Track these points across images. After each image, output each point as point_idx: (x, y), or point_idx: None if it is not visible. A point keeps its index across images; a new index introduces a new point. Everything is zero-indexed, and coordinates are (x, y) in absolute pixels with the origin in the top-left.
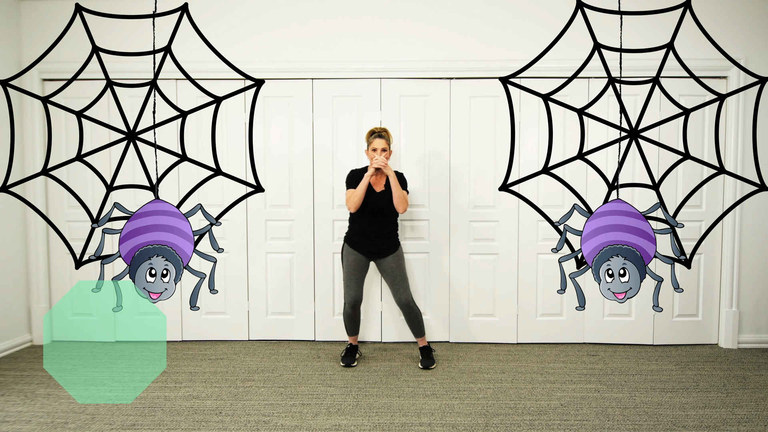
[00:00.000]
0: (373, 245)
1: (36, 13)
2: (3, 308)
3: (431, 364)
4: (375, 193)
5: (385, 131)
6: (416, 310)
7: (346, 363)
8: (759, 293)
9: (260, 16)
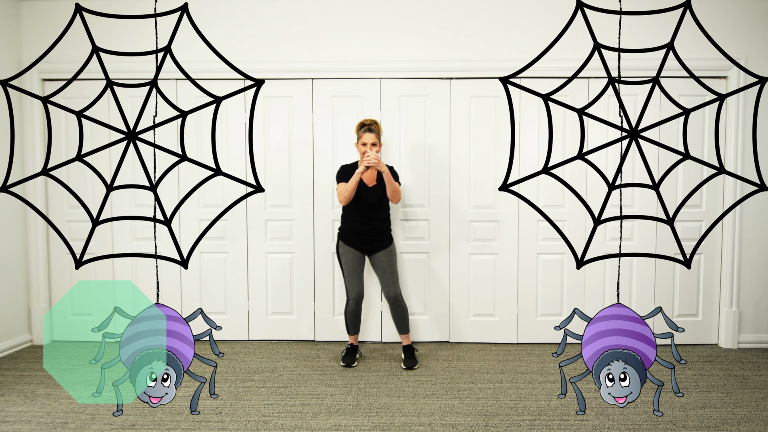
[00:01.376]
0: (366, 242)
1: (36, 13)
2: (3, 308)
3: (414, 364)
4: (367, 189)
5: (375, 124)
6: (404, 305)
7: (346, 363)
8: (759, 293)
9: (260, 16)
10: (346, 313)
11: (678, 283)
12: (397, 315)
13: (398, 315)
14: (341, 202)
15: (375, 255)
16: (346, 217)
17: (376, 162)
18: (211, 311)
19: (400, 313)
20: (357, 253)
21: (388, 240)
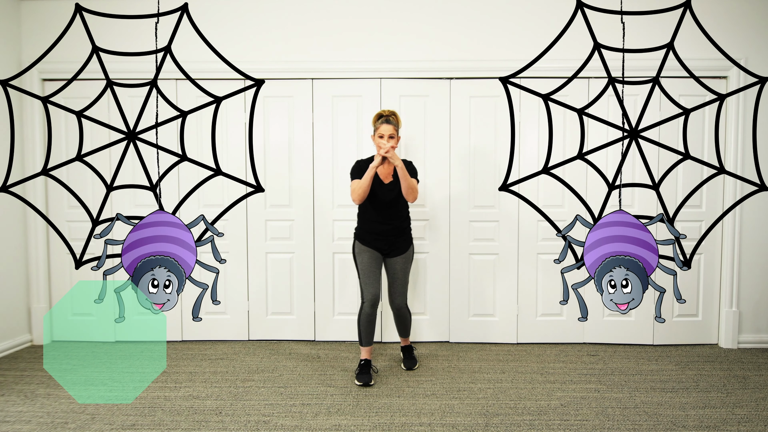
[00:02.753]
0: (384, 243)
1: (36, 13)
2: (3, 308)
3: (414, 364)
4: (383, 185)
5: (394, 115)
6: (407, 314)
7: (363, 382)
8: (759, 293)
9: (260, 16)
10: (360, 319)
11: (678, 283)
12: (400, 322)
13: (402, 322)
14: (355, 200)
15: (391, 259)
16: (362, 217)
17: (391, 153)
18: (211, 311)
19: (403, 320)
20: (375, 253)
21: (408, 242)
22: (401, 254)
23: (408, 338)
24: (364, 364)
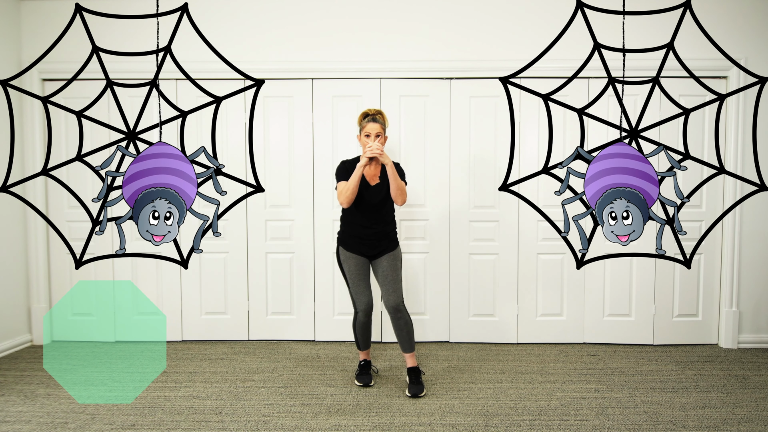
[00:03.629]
0: (369, 246)
1: (36, 13)
2: (3, 308)
3: (421, 391)
4: (369, 187)
5: (380, 114)
6: (407, 317)
7: (363, 382)
8: (759, 293)
9: (260, 16)
10: (354, 327)
11: (678, 283)
12: (399, 328)
13: (400, 329)
14: (342, 203)
15: (377, 260)
16: (345, 220)
17: (380, 152)
18: (211, 311)
19: (402, 326)
20: (360, 259)
21: (393, 243)
22: (387, 253)
23: (413, 355)
24: (363, 364)
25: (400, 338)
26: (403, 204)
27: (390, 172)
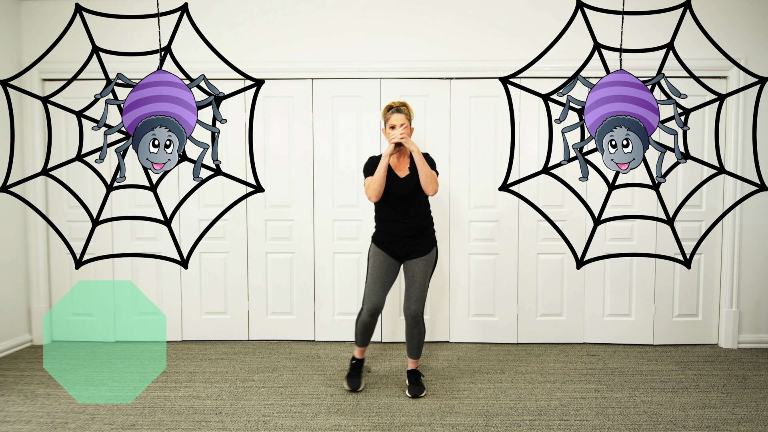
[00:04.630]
0: (402, 245)
1: (36, 13)
2: (3, 308)
3: (421, 391)
4: (398, 180)
5: (405, 105)
6: (422, 327)
7: (352, 387)
8: (759, 293)
9: (260, 16)
10: (357, 324)
11: (678, 283)
12: (412, 336)
13: (413, 337)
14: (370, 197)
15: (411, 261)
16: (378, 217)
17: (405, 137)
18: (211, 311)
19: (416, 335)
20: (389, 259)
21: (430, 242)
22: (422, 255)
23: (417, 361)
24: (355, 363)
25: (410, 345)
26: (434, 193)
27: (417, 158)
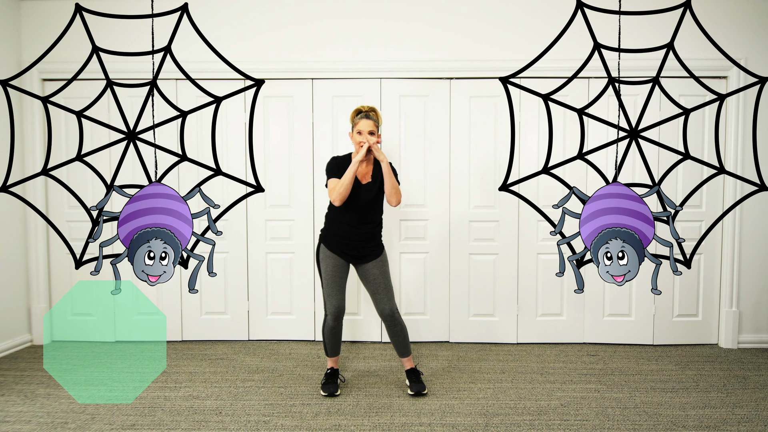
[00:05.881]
0: (353, 248)
1: (36, 13)
2: (3, 308)
3: (423, 389)
4: (361, 186)
5: (374, 111)
6: (402, 323)
7: (328, 392)
8: (759, 293)
9: (260, 16)
10: (323, 332)
11: (678, 283)
12: (395, 335)
13: (396, 335)
14: (335, 200)
15: (365, 266)
16: (331, 218)
17: (376, 146)
18: (211, 311)
19: (398, 332)
20: (340, 261)
21: (379, 248)
22: (374, 259)
23: (410, 358)
24: (330, 373)
25: (396, 344)
26: (397, 204)
27: (385, 169)
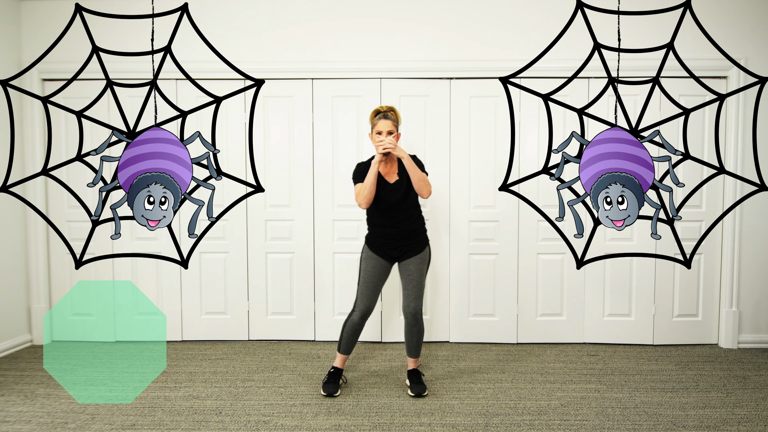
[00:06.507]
0: (394, 248)
1: (36, 13)
2: (3, 308)
3: (424, 390)
4: (387, 186)
5: (392, 110)
6: (421, 326)
7: (327, 392)
8: (759, 293)
9: (260, 16)
10: (345, 326)
11: (678, 283)
12: (412, 335)
13: (413, 335)
14: (361, 204)
15: (405, 261)
16: (370, 221)
17: (393, 146)
18: (211, 311)
19: (416, 333)
20: (382, 262)
21: (421, 244)
22: (415, 255)
23: (417, 360)
24: (333, 372)
25: (410, 344)
26: (429, 195)
27: (408, 165)
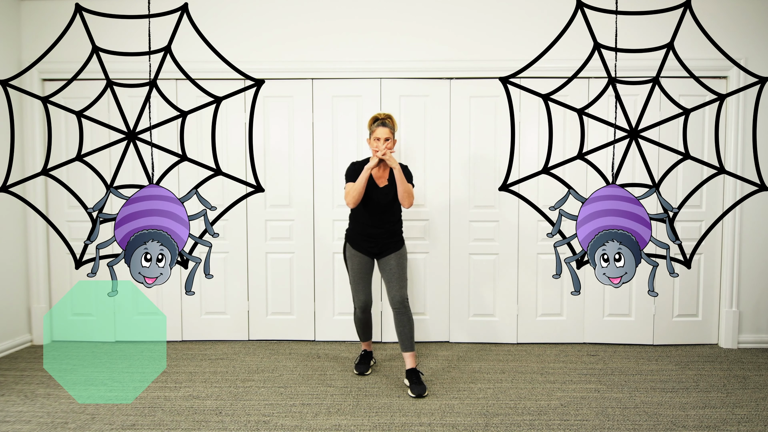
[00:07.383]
0: (375, 244)
1: (36, 13)
2: (3, 308)
3: (424, 390)
4: (377, 189)
5: (390, 118)
6: (410, 315)
7: (359, 371)
8: (759, 293)
9: (260, 16)
10: (354, 323)
11: (678, 283)
12: (402, 324)
13: (403, 325)
14: (349, 203)
15: (384, 258)
16: (354, 219)
17: (387, 155)
18: (211, 311)
19: (405, 322)
20: (365, 258)
21: (399, 243)
22: (393, 252)
23: (413, 355)
24: (364, 354)
25: (401, 335)
26: (410, 206)
27: (397, 175)
